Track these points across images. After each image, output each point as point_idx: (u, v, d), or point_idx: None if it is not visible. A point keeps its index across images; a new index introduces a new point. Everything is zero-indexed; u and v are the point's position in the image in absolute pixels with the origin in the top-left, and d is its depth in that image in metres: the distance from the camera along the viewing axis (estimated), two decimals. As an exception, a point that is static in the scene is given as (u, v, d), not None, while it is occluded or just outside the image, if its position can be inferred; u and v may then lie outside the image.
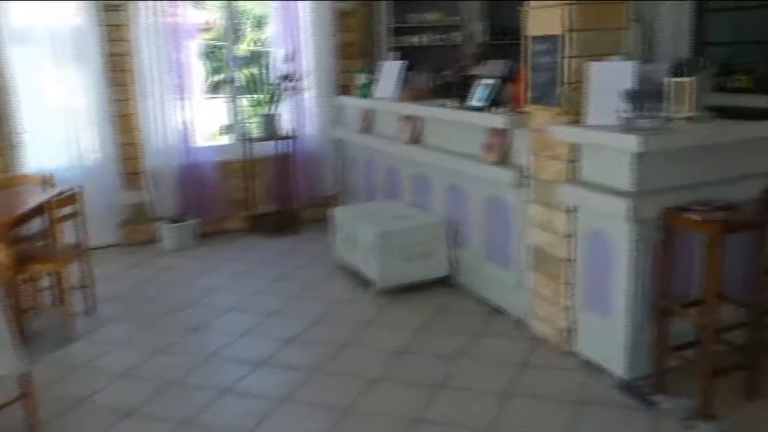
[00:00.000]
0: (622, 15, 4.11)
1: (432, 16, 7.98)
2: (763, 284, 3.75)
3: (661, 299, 3.77)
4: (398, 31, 7.94)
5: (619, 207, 3.66)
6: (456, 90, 5.39)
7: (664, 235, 3.70)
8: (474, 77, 5.04)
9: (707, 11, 7.88)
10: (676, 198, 3.73)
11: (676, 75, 3.96)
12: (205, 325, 5.05)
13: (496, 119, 4.58)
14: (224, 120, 7.82)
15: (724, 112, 4.12)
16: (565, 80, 4.01)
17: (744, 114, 4.10)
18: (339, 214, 6.15)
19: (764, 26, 7.43)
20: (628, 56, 4.01)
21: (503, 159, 4.73)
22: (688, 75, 3.93)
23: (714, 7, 7.83)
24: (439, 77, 6.15)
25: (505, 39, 7.72)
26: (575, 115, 4.00)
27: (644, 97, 3.71)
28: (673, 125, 3.79)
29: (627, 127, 3.65)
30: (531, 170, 4.44)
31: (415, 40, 7.96)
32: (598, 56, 4.00)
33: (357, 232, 5.70)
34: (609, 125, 3.76)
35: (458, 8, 8.14)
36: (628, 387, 3.89)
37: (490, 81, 4.80)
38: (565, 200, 4.12)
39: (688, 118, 3.87)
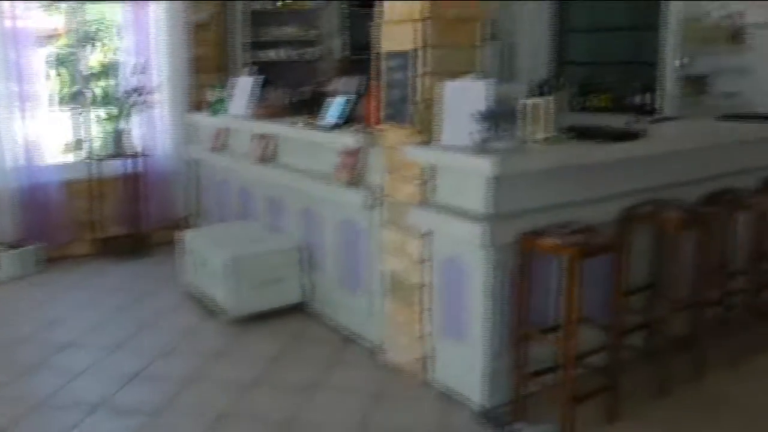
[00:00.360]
0: (476, 32, 3.98)
1: (290, 30, 7.73)
2: (620, 306, 3.69)
3: (519, 325, 3.64)
4: (255, 46, 7.63)
5: (474, 232, 3.51)
6: (309, 107, 5.14)
7: (522, 260, 3.58)
8: (328, 94, 4.81)
9: (567, 31, 8.00)
10: (533, 221, 3.62)
11: (533, 95, 3.86)
12: (40, 363, 4.56)
13: (348, 138, 4.37)
14: (72, 136, 7.26)
15: (583, 133, 4.06)
16: (418, 98, 3.84)
17: (602, 135, 4.05)
18: (189, 237, 5.78)
19: (621, 47, 7.59)
20: (483, 75, 3.88)
21: (356, 180, 4.52)
22: (546, 95, 3.84)
23: (573, 27, 7.96)
24: (296, 94, 5.89)
25: (364, 54, 7.55)
26: (428, 135, 3.83)
27: (499, 117, 3.58)
28: (528, 147, 3.67)
29: (480, 149, 3.50)
30: (384, 192, 4.24)
31: (272, 54, 7.67)
32: (453, 74, 3.85)
33: (206, 257, 5.34)
34: (462, 146, 3.60)
35: (318, 22, 7.92)
36: (487, 415, 3.75)
37: (344, 98, 4.58)
38: (418, 224, 3.93)
39: (545, 139, 3.77)
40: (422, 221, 3.90)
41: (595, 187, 3.97)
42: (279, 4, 7.66)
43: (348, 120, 4.53)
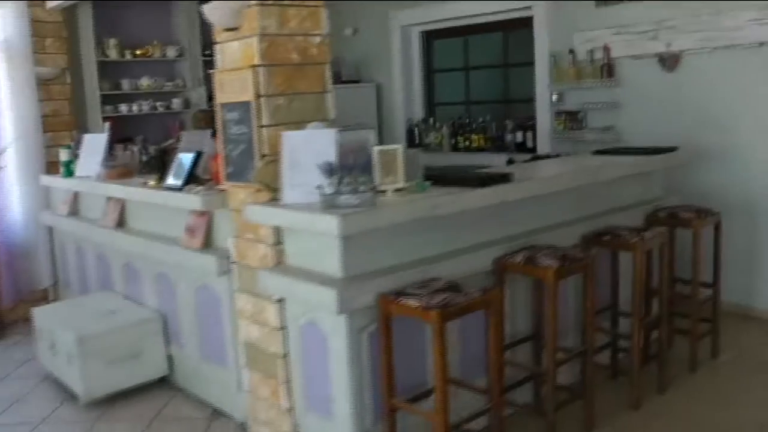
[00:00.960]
0: (323, 77, 3.66)
1: (147, 82, 7.27)
2: (499, 363, 3.39)
3: (387, 395, 3.28)
4: (111, 99, 7.13)
5: (328, 296, 3.15)
6: (157, 166, 4.72)
7: (384, 324, 3.23)
8: (175, 150, 4.40)
9: (436, 71, 7.83)
10: (393, 281, 3.30)
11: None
12: None
13: (192, 199, 3.96)
14: None
15: (445, 179, 3.78)
16: (260, 153, 3.47)
17: (466, 180, 3.77)
18: (39, 315, 5.22)
19: (494, 85, 7.45)
20: (329, 123, 3.56)
21: (206, 243, 4.12)
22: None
23: (445, 66, 7.80)
24: (147, 151, 5.44)
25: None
26: (273, 192, 3.46)
27: (347, 168, 3.25)
28: (382, 199, 3.35)
29: (327, 205, 3.16)
30: (234, 256, 3.84)
31: (129, 108, 7.19)
32: (298, 124, 3.51)
33: (54, 337, 4.81)
34: (309, 203, 3.25)
35: (177, 73, 7.51)
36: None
37: (188, 155, 4.18)
38: (269, 290, 3.55)
39: (400, 190, 3.46)
40: (274, 287, 3.51)
41: (461, 237, 3.69)
42: (130, 54, 7.21)
43: (195, 179, 4.13)
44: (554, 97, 6.47)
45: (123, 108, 7.12)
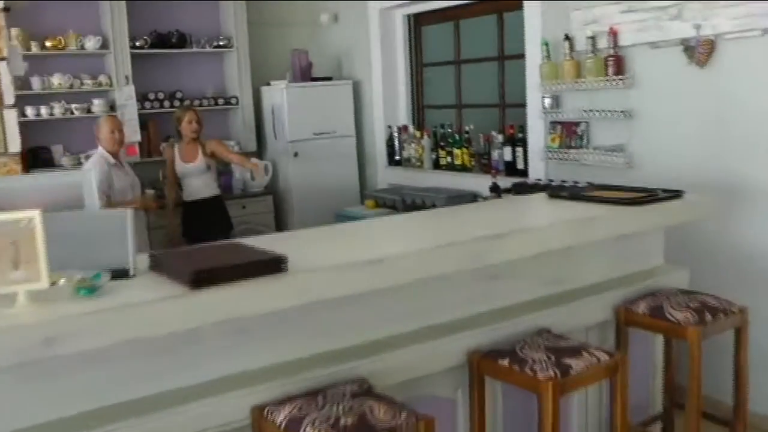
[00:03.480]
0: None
1: (59, 80, 5.85)
2: None
3: None
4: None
5: None
6: None
7: None
8: None
9: (424, 65, 6.08)
10: None
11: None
12: None
13: None
14: None
15: (160, 262, 2.16)
16: None
17: (181, 271, 2.15)
18: None
19: (486, 83, 5.69)
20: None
21: None
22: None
23: (433, 60, 6.04)
24: None
25: None
26: None
27: None
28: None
29: None
30: None
31: (36, 111, 5.85)
32: None
33: None
34: None
35: (98, 69, 6.09)
36: None
37: None
38: None
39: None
40: None
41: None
42: (37, 47, 5.80)
43: None
44: (546, 102, 4.65)
45: (29, 111, 5.74)
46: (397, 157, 6.11)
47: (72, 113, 5.87)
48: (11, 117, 2.31)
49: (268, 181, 5.74)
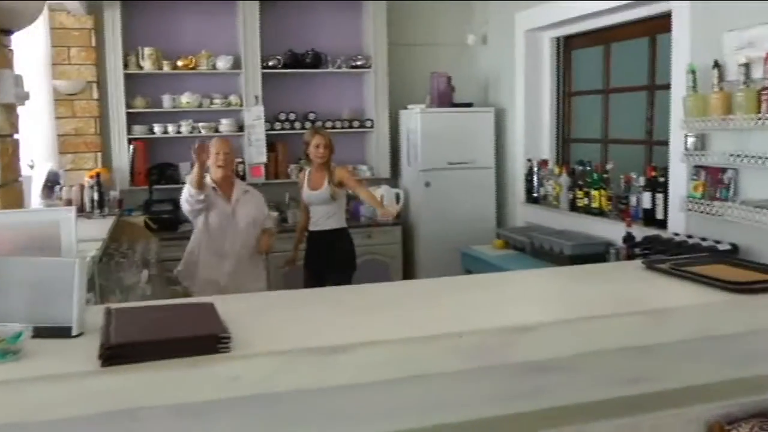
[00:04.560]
0: None
1: (188, 99, 5.77)
2: None
3: None
4: (143, 118, 5.81)
5: None
6: None
7: None
8: None
9: (570, 95, 5.45)
10: None
11: None
12: None
13: None
14: None
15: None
16: None
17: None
18: None
19: (634, 117, 4.97)
20: None
21: None
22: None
23: (579, 88, 5.40)
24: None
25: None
26: None
27: None
28: None
29: None
30: None
31: (164, 129, 5.87)
32: None
33: None
34: None
35: (228, 89, 5.94)
36: None
37: None
38: None
39: None
40: None
41: None
42: (169, 66, 5.76)
43: None
44: (690, 141, 3.88)
45: (157, 129, 5.73)
46: (535, 194, 5.49)
47: (199, 131, 5.77)
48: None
49: (398, 211, 5.25)
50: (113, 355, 1.72)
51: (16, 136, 2.37)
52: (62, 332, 1.91)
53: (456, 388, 1.92)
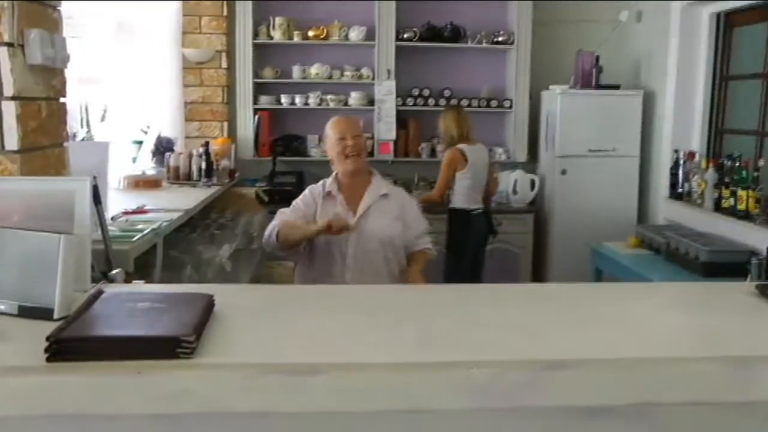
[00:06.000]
0: None
1: (317, 70, 5.65)
2: None
3: None
4: (271, 89, 5.79)
5: None
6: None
7: None
8: None
9: (727, 79, 4.90)
10: None
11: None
12: None
13: None
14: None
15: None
16: None
17: None
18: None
19: None
20: None
21: None
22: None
23: (740, 72, 4.84)
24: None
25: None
26: None
27: None
28: None
29: None
30: None
31: (291, 100, 5.78)
32: None
33: None
34: None
35: (360, 61, 5.77)
36: None
37: None
38: None
39: None
40: None
41: None
42: (299, 36, 5.67)
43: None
44: None
45: (284, 100, 5.68)
46: (679, 189, 4.97)
47: (328, 104, 5.67)
48: (10, 110, 2.01)
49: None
50: (58, 350, 1.57)
51: (62, 99, 2.31)
52: (45, 314, 1.74)
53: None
